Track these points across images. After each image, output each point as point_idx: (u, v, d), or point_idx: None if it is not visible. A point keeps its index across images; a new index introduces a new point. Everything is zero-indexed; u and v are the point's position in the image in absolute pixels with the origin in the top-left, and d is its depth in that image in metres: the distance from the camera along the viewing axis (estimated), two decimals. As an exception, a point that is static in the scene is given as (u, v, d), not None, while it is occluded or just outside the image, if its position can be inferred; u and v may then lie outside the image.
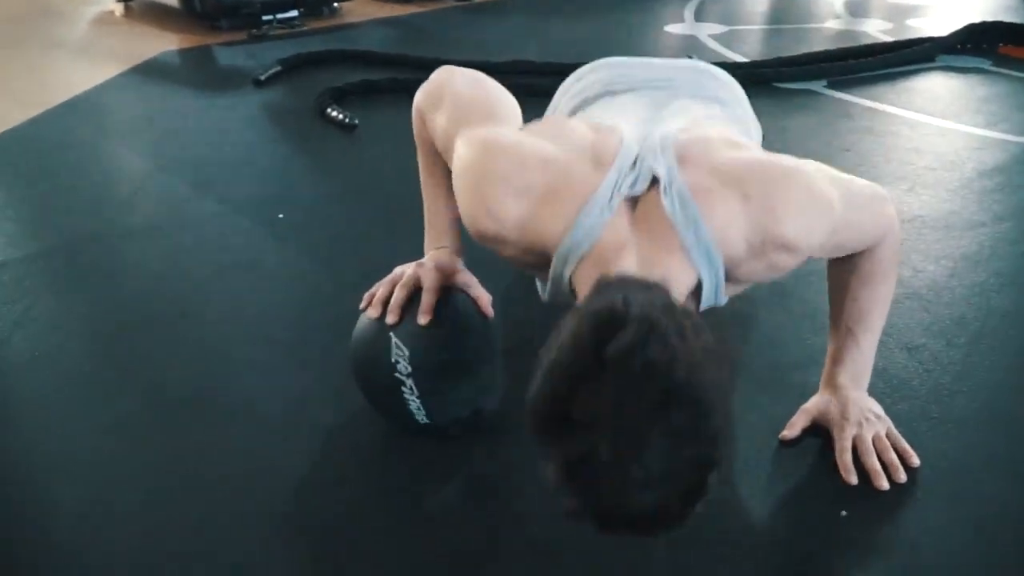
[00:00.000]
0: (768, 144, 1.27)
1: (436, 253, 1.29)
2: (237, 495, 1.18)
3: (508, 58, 3.24)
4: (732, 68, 3.14)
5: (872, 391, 1.32)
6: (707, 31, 3.95)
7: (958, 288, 1.65)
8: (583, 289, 0.98)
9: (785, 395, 1.29)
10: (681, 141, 1.06)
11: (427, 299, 1.19)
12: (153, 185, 2.30)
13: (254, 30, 3.95)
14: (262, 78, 3.14)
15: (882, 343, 1.45)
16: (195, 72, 3.59)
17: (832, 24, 4.07)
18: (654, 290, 0.84)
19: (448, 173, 1.21)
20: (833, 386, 1.25)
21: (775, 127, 2.59)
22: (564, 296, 1.05)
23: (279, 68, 3.22)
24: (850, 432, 1.20)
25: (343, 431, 1.31)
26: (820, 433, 1.24)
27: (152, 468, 1.23)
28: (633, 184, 1.02)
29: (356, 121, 2.65)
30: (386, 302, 1.21)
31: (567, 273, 1.03)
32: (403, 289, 1.20)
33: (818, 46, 3.41)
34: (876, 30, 3.88)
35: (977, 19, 3.47)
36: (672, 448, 0.75)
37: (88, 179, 2.35)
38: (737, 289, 1.12)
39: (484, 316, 1.24)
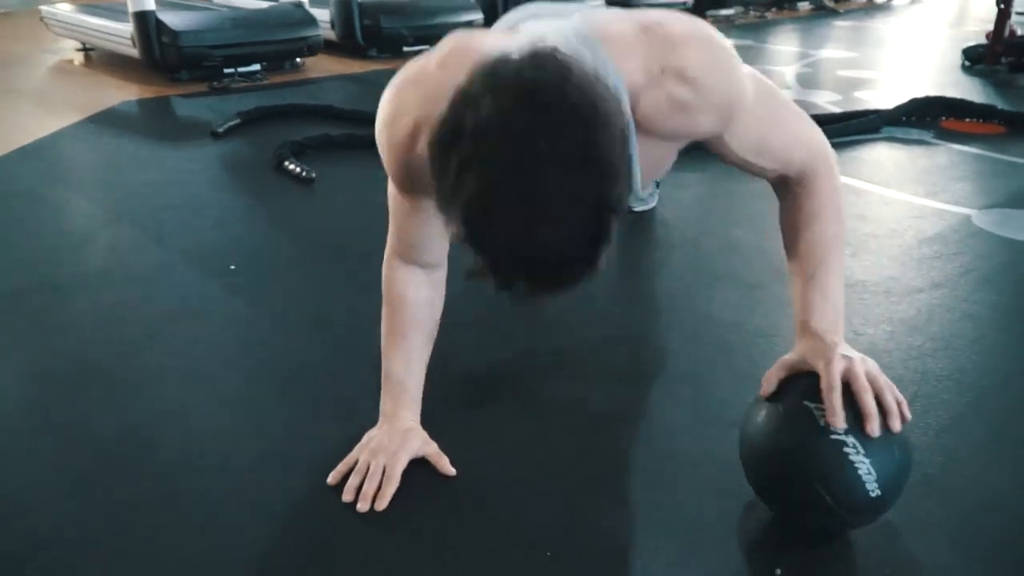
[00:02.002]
0: (717, 207, 1.30)
1: (393, 422, 1.31)
2: (178, 547, 1.15)
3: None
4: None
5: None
6: (663, 97, 4.06)
7: (896, 351, 1.69)
8: None
9: (728, 451, 1.30)
10: (582, 16, 1.05)
11: (388, 490, 1.23)
12: (104, 234, 2.28)
13: (215, 83, 3.99)
14: (220, 130, 3.15)
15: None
16: (153, 122, 3.60)
17: (784, 95, 4.20)
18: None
19: (413, 325, 1.29)
20: (810, 333, 1.14)
21: (724, 190, 2.66)
22: None
23: (238, 120, 3.25)
24: (838, 366, 1.06)
25: (288, 484, 1.29)
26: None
27: (88, 519, 1.20)
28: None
29: (314, 175, 2.67)
30: (358, 488, 1.24)
31: None
32: (372, 481, 1.24)
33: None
34: (825, 101, 4.02)
35: (921, 93, 3.61)
36: (567, 174, 0.73)
37: (37, 227, 2.33)
38: (657, 163, 1.10)
39: None
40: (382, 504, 1.22)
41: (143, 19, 3.98)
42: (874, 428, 1.04)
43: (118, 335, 1.73)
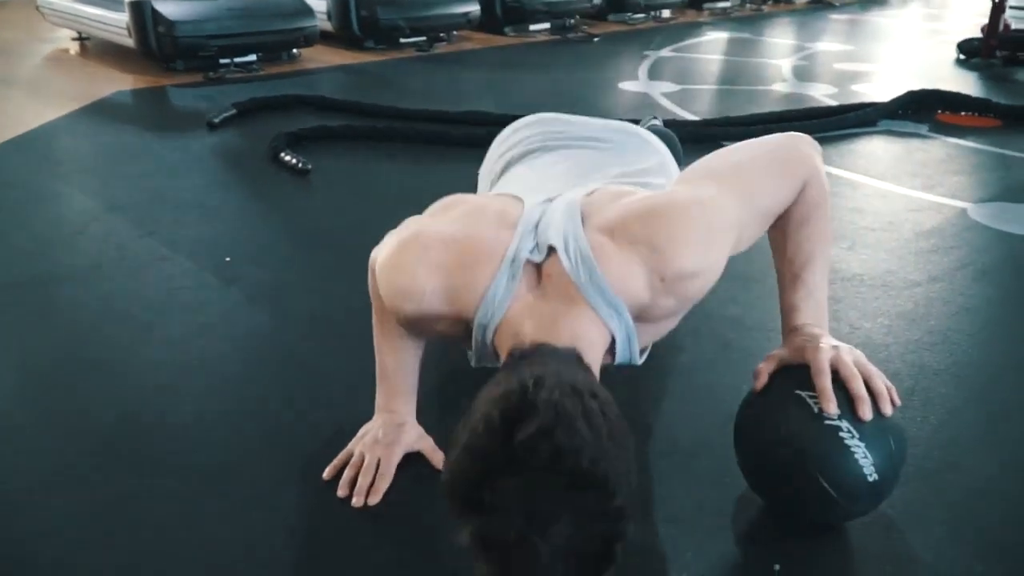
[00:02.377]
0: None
1: (388, 418, 1.32)
2: (174, 540, 1.15)
3: (464, 108, 3.29)
4: (682, 125, 3.23)
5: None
6: (660, 89, 4.05)
7: (893, 345, 1.69)
8: (504, 353, 1.04)
9: (724, 451, 1.30)
10: (585, 203, 1.12)
11: (381, 485, 1.24)
12: (98, 226, 2.27)
13: (211, 73, 3.96)
14: (216, 121, 3.14)
15: (818, 398, 1.48)
16: (148, 112, 3.58)
17: (780, 87, 4.20)
18: (564, 362, 0.91)
19: (404, 333, 1.29)
20: (796, 329, 1.18)
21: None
22: (490, 359, 1.10)
23: (233, 111, 3.23)
24: (826, 355, 1.10)
25: (286, 480, 1.29)
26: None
27: (85, 512, 1.20)
28: (535, 250, 1.08)
29: (309, 166, 2.66)
30: (353, 483, 1.25)
31: (488, 339, 1.08)
32: (366, 476, 1.25)
33: (766, 108, 3.52)
34: (821, 94, 4.02)
35: (917, 87, 3.62)
36: (578, 527, 0.78)
37: (31, 218, 2.32)
38: (658, 331, 1.15)
39: None
40: (375, 499, 1.22)
41: (139, 8, 3.95)
42: (865, 411, 1.06)
43: (113, 327, 1.73)
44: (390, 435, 1.29)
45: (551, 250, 1.07)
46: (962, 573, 1.13)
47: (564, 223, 1.09)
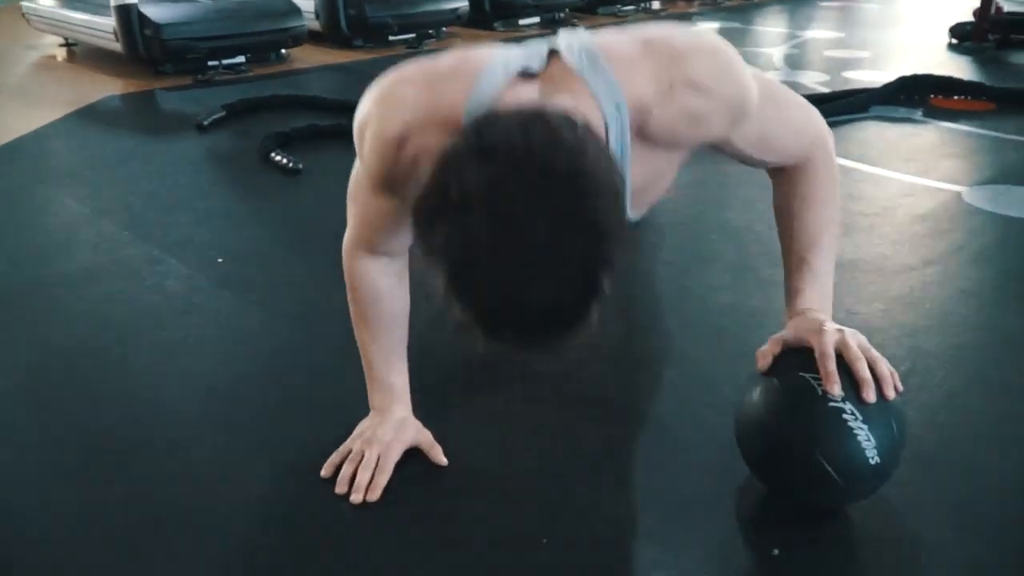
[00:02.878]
0: (706, 187, 1.29)
1: (384, 414, 1.30)
2: (169, 541, 1.14)
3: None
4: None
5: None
6: (651, 81, 4.04)
7: (889, 329, 1.68)
8: None
9: (722, 435, 1.29)
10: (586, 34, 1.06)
11: (380, 480, 1.23)
12: (89, 230, 2.26)
13: (199, 75, 3.95)
14: (205, 123, 3.13)
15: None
16: (137, 116, 3.56)
17: (771, 75, 4.19)
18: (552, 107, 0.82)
19: (386, 317, 1.27)
20: (800, 312, 1.16)
21: (714, 172, 2.65)
22: None
23: (223, 113, 3.22)
24: (831, 338, 1.08)
25: (277, 480, 1.28)
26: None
27: (78, 515, 1.19)
28: (528, 56, 1.00)
29: (300, 165, 2.65)
30: (351, 479, 1.23)
31: None
32: (365, 471, 1.23)
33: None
34: (813, 82, 4.01)
35: (909, 72, 3.60)
36: (554, 236, 0.72)
37: (22, 224, 2.30)
38: (657, 175, 1.10)
39: None
40: (375, 495, 1.21)
41: (125, 12, 3.93)
42: (870, 394, 1.05)
43: (106, 331, 1.71)
44: (388, 431, 1.28)
45: (551, 56, 0.99)
46: (962, 555, 1.12)
47: (563, 36, 1.02)
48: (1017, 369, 1.57)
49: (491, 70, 0.98)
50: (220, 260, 2.04)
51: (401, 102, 1.01)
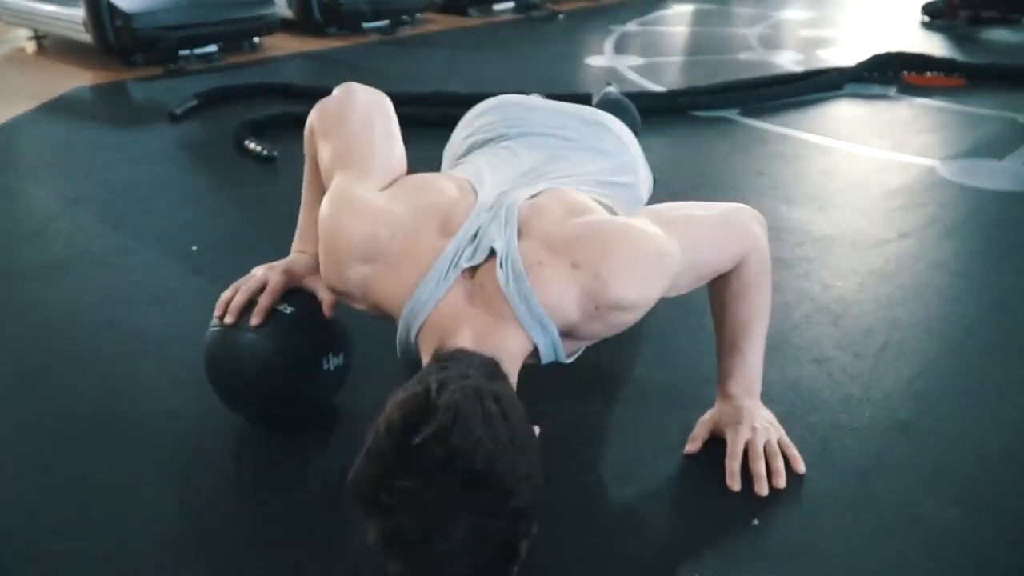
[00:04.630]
0: (684, 170, 1.30)
1: (294, 256, 1.34)
2: (147, 527, 1.13)
3: (431, 89, 3.26)
4: (650, 97, 3.22)
5: (783, 402, 1.35)
6: (627, 63, 4.04)
7: (865, 302, 1.70)
8: (425, 355, 1.06)
9: (698, 409, 1.30)
10: (524, 213, 1.11)
11: (263, 301, 1.24)
12: (61, 221, 2.23)
13: (171, 65, 3.90)
14: (178, 112, 3.09)
15: (792, 356, 1.48)
16: (108, 107, 3.52)
17: (746, 56, 4.20)
18: (477, 367, 0.94)
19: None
20: (727, 397, 1.27)
21: (691, 153, 2.66)
22: (413, 355, 1.11)
23: (195, 102, 3.18)
24: (742, 438, 1.21)
25: (263, 465, 1.27)
26: (720, 444, 1.24)
27: (56, 505, 1.17)
28: (472, 256, 1.07)
29: (275, 153, 2.62)
30: (238, 306, 1.25)
31: (412, 337, 1.09)
32: (245, 293, 1.26)
33: (733, 77, 3.51)
34: (788, 61, 4.02)
35: (882, 50, 3.62)
36: (476, 528, 0.81)
37: (-9, 216, 2.27)
38: (581, 345, 1.16)
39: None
40: (256, 319, 1.22)
41: (95, 2, 3.86)
42: (762, 489, 1.17)
43: (81, 321, 1.70)
44: (288, 264, 1.31)
45: (493, 252, 1.07)
46: (937, 518, 1.14)
47: (503, 231, 1.08)
48: (990, 337, 1.59)
49: (433, 275, 1.06)
50: (195, 248, 2.02)
51: (348, 275, 1.10)
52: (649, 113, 1.92)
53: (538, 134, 1.43)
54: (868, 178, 2.41)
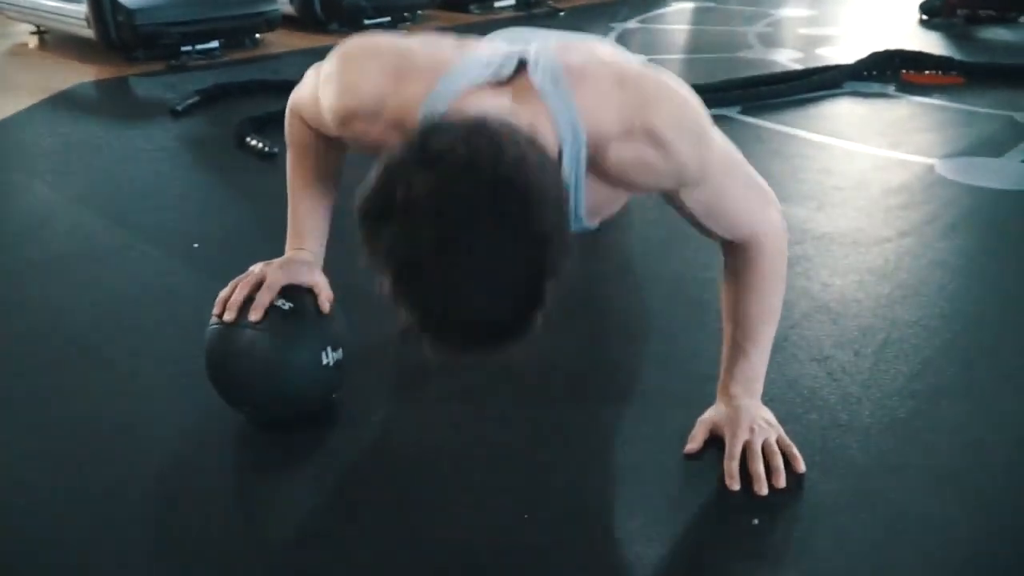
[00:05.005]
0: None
1: (291, 253, 1.33)
2: (149, 531, 1.14)
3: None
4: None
5: (783, 401, 1.36)
6: (627, 60, 4.04)
7: (865, 300, 1.71)
8: None
9: (697, 409, 1.30)
10: (560, 43, 1.08)
11: (261, 297, 1.22)
12: (62, 217, 2.23)
13: (173, 61, 3.90)
14: (179, 108, 3.09)
15: (793, 355, 1.49)
16: (110, 103, 3.52)
17: (745, 54, 4.20)
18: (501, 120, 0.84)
19: (319, 173, 1.30)
20: (727, 396, 1.27)
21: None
22: None
23: (197, 99, 3.18)
24: (740, 439, 1.21)
25: (257, 459, 1.28)
26: (720, 443, 1.25)
27: (60, 507, 1.18)
28: (500, 65, 1.01)
29: (276, 150, 2.62)
30: (236, 302, 1.24)
31: None
32: (243, 289, 1.24)
33: (732, 75, 3.51)
34: (787, 59, 4.02)
35: (881, 48, 3.63)
36: (498, 243, 0.75)
37: (-7, 212, 2.28)
38: (609, 200, 1.11)
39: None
40: (256, 315, 1.21)
41: (96, -2, 3.87)
42: (761, 489, 1.16)
43: (81, 318, 1.70)
44: (287, 263, 1.30)
45: (520, 67, 1.01)
46: (938, 517, 1.14)
47: (535, 46, 1.04)
48: (990, 335, 1.60)
49: (455, 74, 1.00)
50: (196, 245, 2.02)
51: (363, 84, 1.04)
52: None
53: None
54: (867, 176, 2.41)
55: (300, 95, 1.26)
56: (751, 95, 3.20)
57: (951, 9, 4.68)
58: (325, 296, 1.27)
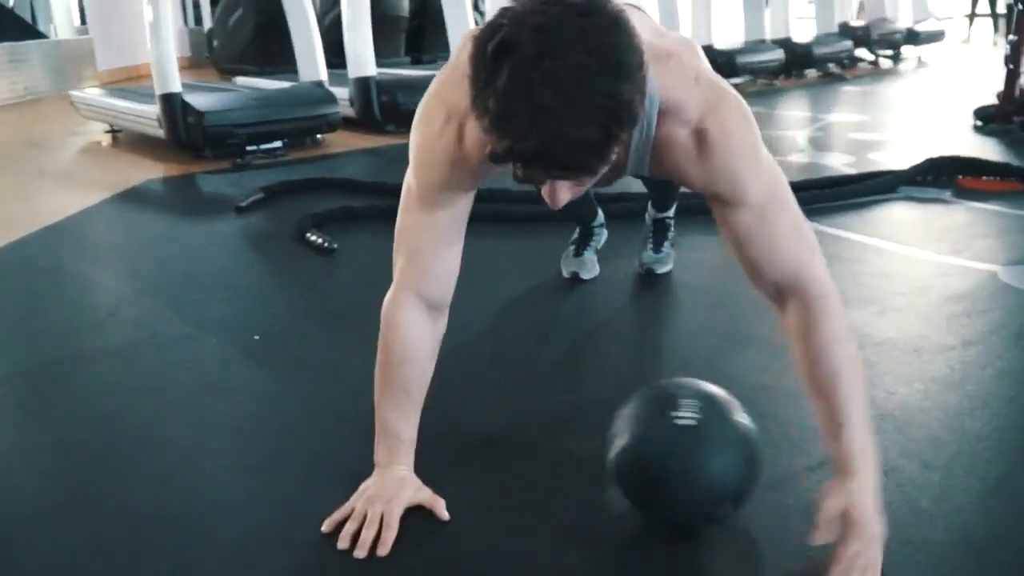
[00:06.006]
0: (738, 270, 1.30)
1: (387, 471, 1.32)
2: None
3: (484, 186, 3.33)
4: (700, 197, 3.24)
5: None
6: (678, 163, 4.09)
7: (931, 411, 1.66)
8: None
9: (758, 514, 1.26)
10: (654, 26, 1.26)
11: (388, 536, 1.23)
12: (128, 308, 2.30)
13: (238, 160, 4.06)
14: (243, 205, 3.20)
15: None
16: (178, 199, 3.66)
17: (797, 157, 4.23)
18: None
19: (407, 385, 1.31)
20: (845, 475, 1.15)
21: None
22: None
23: (261, 195, 3.30)
24: (851, 564, 1.10)
25: (307, 560, 1.26)
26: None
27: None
28: None
29: (335, 245, 2.69)
30: (355, 536, 1.24)
31: None
32: (371, 528, 1.24)
33: (785, 178, 3.53)
34: (839, 163, 4.04)
35: (935, 154, 3.63)
36: (584, 62, 0.87)
37: (63, 302, 2.35)
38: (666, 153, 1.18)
39: None
40: (384, 550, 1.21)
41: (169, 100, 4.08)
42: None
43: (141, 408, 1.73)
44: (391, 489, 1.29)
45: None
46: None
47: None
48: (1066, 451, 1.53)
49: None
50: (256, 338, 2.06)
51: (440, 100, 1.17)
52: (700, 213, 1.93)
53: None
54: (928, 282, 2.38)
55: (397, 269, 1.34)
56: (804, 198, 3.19)
57: (1006, 115, 4.69)
58: (440, 511, 1.29)
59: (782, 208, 1.21)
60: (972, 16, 12.25)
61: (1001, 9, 11.67)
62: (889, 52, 8.87)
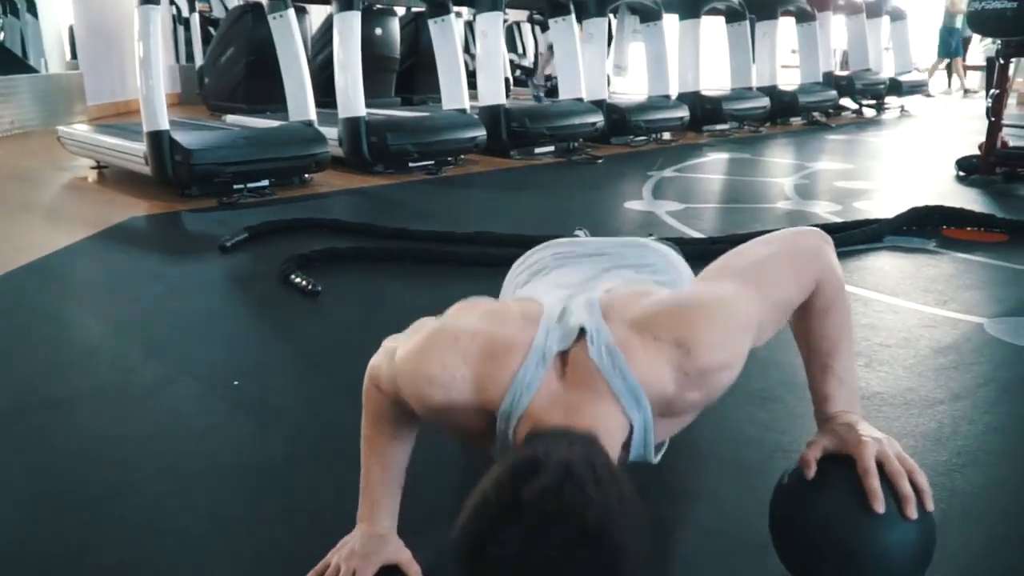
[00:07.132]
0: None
1: (367, 528, 1.29)
2: None
3: (473, 229, 3.33)
4: (688, 243, 3.25)
5: None
6: (665, 208, 4.11)
7: (921, 467, 1.62)
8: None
9: (748, 493, 1.23)
10: (604, 300, 1.16)
11: None
12: (106, 349, 2.25)
13: (224, 198, 4.04)
14: (228, 244, 3.17)
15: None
16: (162, 237, 3.63)
17: (783, 205, 4.26)
18: (580, 440, 0.93)
19: (395, 443, 1.29)
20: (832, 417, 1.22)
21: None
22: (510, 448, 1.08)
23: (246, 235, 3.27)
24: (871, 451, 1.12)
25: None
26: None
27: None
28: (562, 338, 1.09)
29: (319, 288, 2.66)
30: None
31: (510, 432, 1.06)
32: None
33: (770, 225, 3.55)
34: (825, 211, 4.07)
35: (919, 203, 3.66)
36: None
37: (40, 342, 2.31)
38: (675, 425, 1.18)
39: None
40: None
41: (157, 138, 4.07)
42: (912, 511, 1.10)
43: (116, 454, 1.68)
44: (368, 546, 1.27)
45: (579, 335, 1.09)
46: None
47: (588, 315, 1.11)
48: (1058, 511, 1.51)
49: (531, 359, 1.07)
50: (236, 382, 2.02)
51: (449, 377, 1.09)
52: (689, 259, 1.91)
53: (582, 255, 1.49)
54: (914, 334, 2.37)
55: (378, 367, 1.27)
56: (791, 247, 3.21)
57: (989, 166, 4.75)
58: (414, 572, 1.26)
59: (778, 283, 1.20)
60: (950, 70, 12.54)
61: (977, 60, 11.95)
62: (872, 101, 9.02)
